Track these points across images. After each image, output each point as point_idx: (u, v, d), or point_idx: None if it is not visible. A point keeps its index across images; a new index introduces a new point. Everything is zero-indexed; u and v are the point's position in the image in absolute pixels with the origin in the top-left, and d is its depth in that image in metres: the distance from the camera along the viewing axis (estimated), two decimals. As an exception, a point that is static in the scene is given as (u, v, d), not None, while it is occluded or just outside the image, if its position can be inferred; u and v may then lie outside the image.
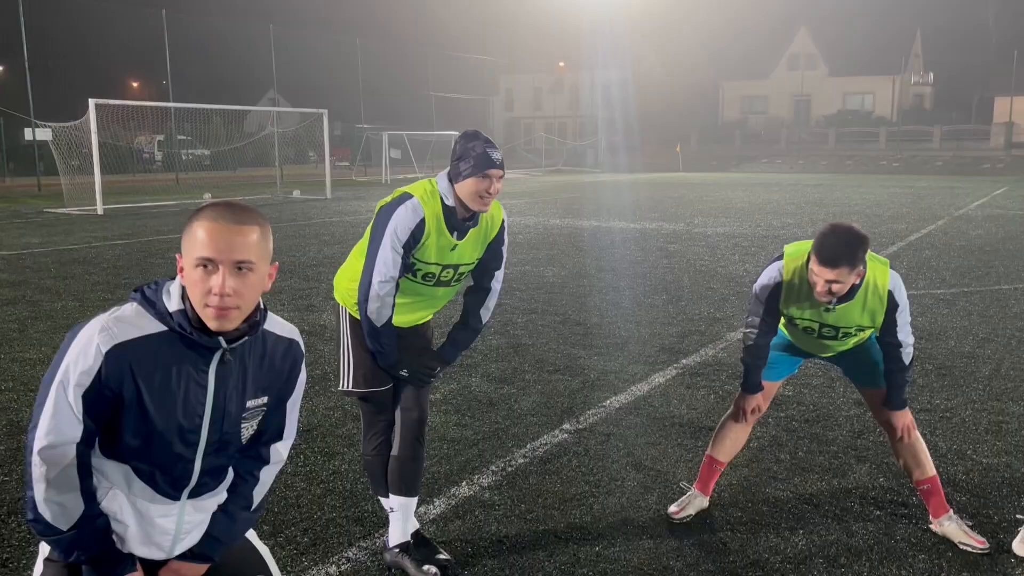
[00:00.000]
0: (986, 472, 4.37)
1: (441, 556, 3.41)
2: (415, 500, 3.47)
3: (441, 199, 3.20)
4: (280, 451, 2.27)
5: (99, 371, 1.91)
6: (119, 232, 16.16)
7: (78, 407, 1.92)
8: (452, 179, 3.19)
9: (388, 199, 3.25)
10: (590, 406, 5.50)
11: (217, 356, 2.02)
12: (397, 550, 3.40)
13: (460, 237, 3.25)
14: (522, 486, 4.23)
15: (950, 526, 3.64)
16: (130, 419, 1.97)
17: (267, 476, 2.27)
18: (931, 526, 3.71)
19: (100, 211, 20.28)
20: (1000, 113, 53.28)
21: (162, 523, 2.10)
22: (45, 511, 1.94)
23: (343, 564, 3.45)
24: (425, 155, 40.56)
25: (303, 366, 2.23)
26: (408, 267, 3.23)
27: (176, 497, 2.10)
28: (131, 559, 2.06)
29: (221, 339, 1.99)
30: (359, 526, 3.79)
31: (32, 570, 2.15)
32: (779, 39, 62.74)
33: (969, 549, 3.54)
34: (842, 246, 3.23)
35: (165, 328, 1.98)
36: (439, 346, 3.51)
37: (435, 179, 3.26)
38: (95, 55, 51.91)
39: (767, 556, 3.53)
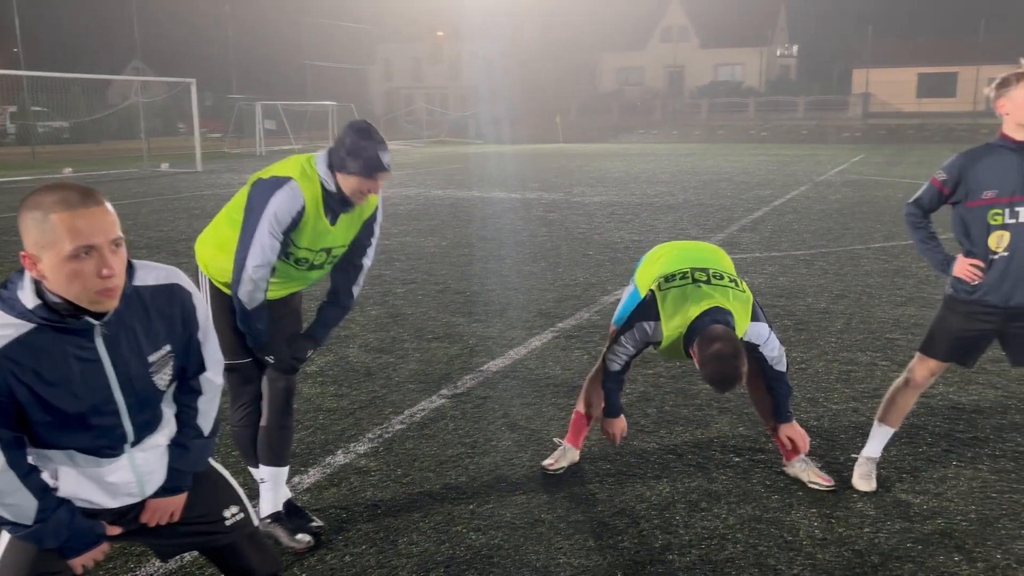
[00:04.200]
0: (835, 417, 4.69)
1: (314, 524, 3.41)
2: (285, 470, 3.45)
3: (321, 183, 3.13)
4: (211, 379, 2.32)
5: None
6: (-32, 209, 15.09)
7: None
8: (335, 167, 3.11)
9: (265, 175, 3.16)
10: (468, 371, 5.57)
11: (97, 331, 2.02)
12: (269, 520, 3.38)
13: (334, 221, 3.21)
14: (398, 451, 4.26)
15: (801, 467, 3.89)
16: (39, 415, 1.99)
17: (205, 405, 2.32)
18: (784, 468, 3.96)
19: (-54, 188, 18.89)
20: (858, 84, 56.21)
21: (119, 477, 2.18)
22: (5, 513, 2.05)
23: (214, 537, 3.40)
24: (302, 126, 39.51)
25: (195, 299, 2.23)
26: (285, 252, 3.17)
27: (121, 452, 2.16)
28: (99, 535, 2.17)
29: (89, 319, 1.98)
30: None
31: None
32: (653, 11, 64.02)
33: (817, 487, 3.80)
34: (730, 374, 3.27)
35: (33, 325, 1.96)
36: (308, 326, 3.47)
37: (313, 159, 3.17)
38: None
39: (633, 504, 3.69)
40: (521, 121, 51.89)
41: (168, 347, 2.16)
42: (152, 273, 2.15)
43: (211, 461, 2.42)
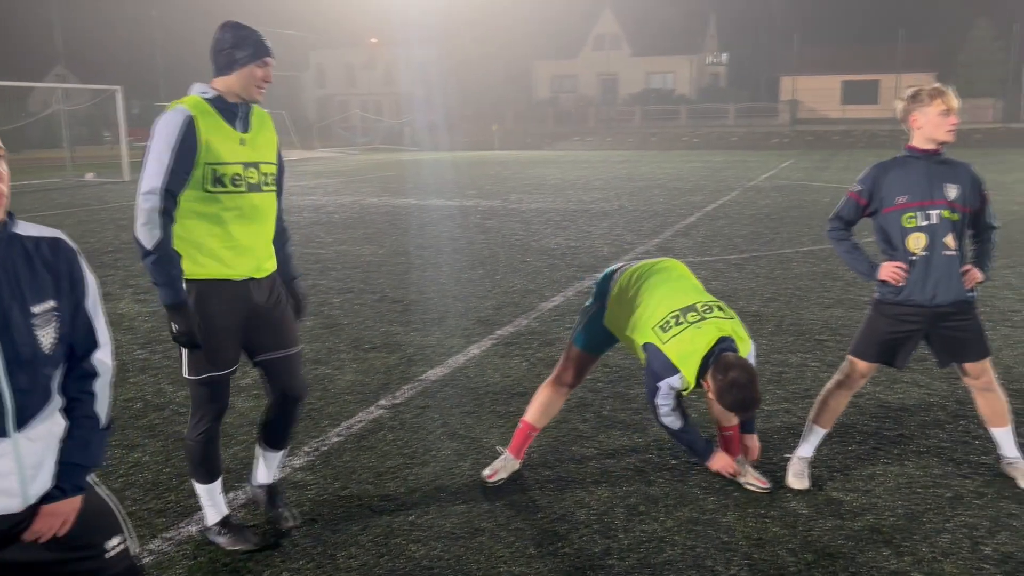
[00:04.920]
0: (768, 418, 4.79)
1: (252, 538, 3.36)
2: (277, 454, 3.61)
3: (200, 97, 3.12)
4: (104, 360, 2.16)
5: None
6: None
7: None
8: (223, 70, 3.12)
9: None
10: (407, 381, 5.52)
11: None
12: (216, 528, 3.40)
13: (244, 129, 3.18)
14: (336, 464, 4.20)
15: (738, 469, 3.96)
16: None
17: (101, 390, 2.16)
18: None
19: None
20: (785, 91, 57.64)
21: (0, 464, 1.95)
22: None
23: (146, 557, 3.31)
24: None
25: (85, 266, 2.12)
26: (215, 179, 3.07)
27: (3, 432, 1.95)
28: None
29: None
30: (162, 517, 3.64)
31: None
32: (585, 19, 64.67)
33: (753, 489, 3.87)
34: (752, 398, 3.39)
35: None
36: (284, 278, 3.48)
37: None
38: None
39: (573, 510, 3.70)
40: (457, 128, 51.88)
41: (53, 303, 2.02)
42: (35, 227, 2.07)
43: (91, 480, 2.19)
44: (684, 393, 3.61)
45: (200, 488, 3.37)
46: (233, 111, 3.15)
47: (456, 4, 60.54)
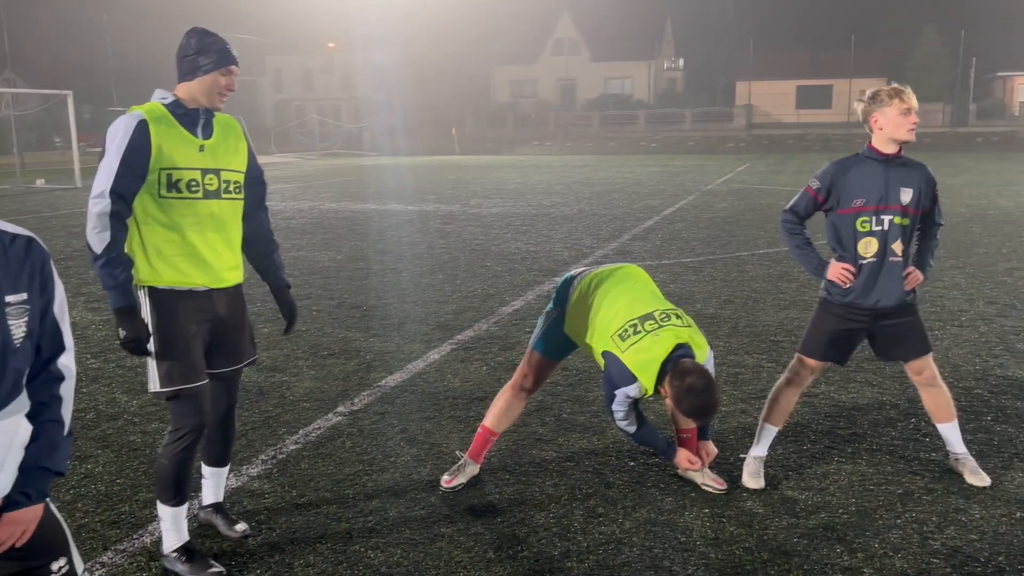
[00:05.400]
0: (724, 419, 4.84)
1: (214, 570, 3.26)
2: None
3: (159, 103, 3.09)
4: (68, 365, 2.13)
5: None
6: None
7: None
8: (186, 76, 3.09)
9: None
10: (365, 387, 5.49)
11: None
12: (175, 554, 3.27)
13: (205, 136, 3.13)
14: (293, 472, 4.16)
15: (695, 471, 4.00)
16: None
17: (67, 394, 2.13)
18: (679, 471, 4.05)
19: None
20: (741, 96, 58.44)
21: None
22: None
23: (97, 570, 3.25)
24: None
25: (53, 267, 2.10)
26: (170, 184, 3.02)
27: None
28: None
29: None
30: (115, 529, 3.58)
31: None
32: (545, 25, 64.97)
33: (710, 489, 3.91)
34: (708, 404, 3.41)
35: None
36: (272, 286, 3.49)
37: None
38: None
39: (532, 513, 3.71)
40: (417, 133, 51.75)
41: (26, 296, 2.00)
42: (9, 225, 2.05)
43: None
44: (643, 398, 3.65)
45: (165, 511, 3.24)
46: (193, 117, 3.11)
47: (414, 9, 60.46)
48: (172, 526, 3.26)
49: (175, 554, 3.24)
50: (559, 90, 65.00)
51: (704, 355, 3.61)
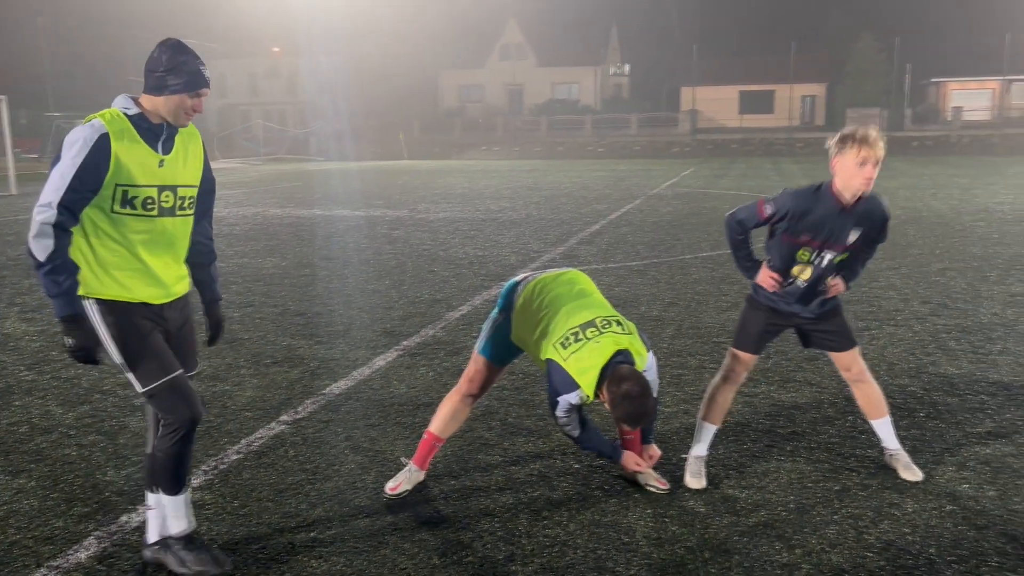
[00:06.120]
0: (668, 420, 4.91)
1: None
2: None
3: (123, 113, 3.00)
4: None
5: None
6: None
7: None
8: (153, 91, 2.99)
9: None
10: (309, 396, 5.44)
11: None
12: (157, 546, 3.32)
13: (166, 151, 3.06)
14: (235, 483, 4.10)
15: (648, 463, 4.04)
16: None
17: None
18: (623, 472, 4.09)
19: None
20: (685, 102, 59.29)
21: None
22: None
23: (30, 589, 3.16)
24: (129, 145, 37.47)
25: None
26: (124, 200, 2.96)
27: None
28: None
29: None
30: (48, 545, 3.48)
31: None
32: (491, 30, 65.13)
33: (653, 490, 3.96)
34: (642, 411, 3.43)
35: None
36: (202, 294, 3.43)
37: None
38: None
39: (478, 518, 3.71)
40: (364, 138, 51.41)
41: None
42: None
43: None
44: (586, 404, 3.68)
45: (168, 500, 3.24)
46: (156, 132, 3.03)
47: (360, 13, 60.07)
48: (175, 513, 3.26)
49: (181, 540, 3.25)
50: (507, 95, 65.17)
51: (644, 362, 3.64)
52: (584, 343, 3.57)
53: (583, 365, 3.53)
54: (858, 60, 57.17)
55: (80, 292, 3.01)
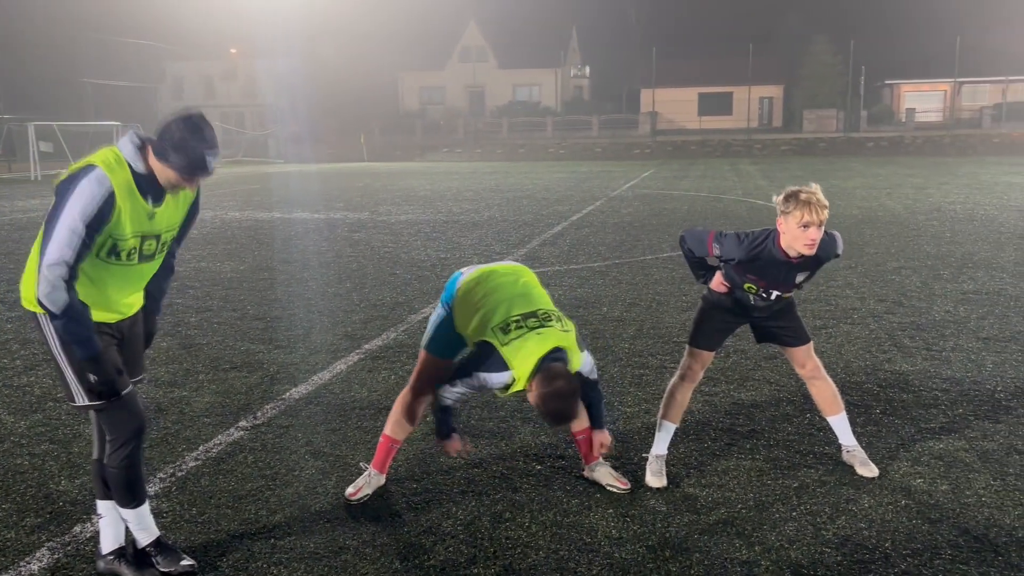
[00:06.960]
0: (629, 419, 4.93)
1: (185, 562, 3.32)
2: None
3: (129, 166, 2.97)
4: None
5: None
6: None
7: None
8: (157, 155, 2.96)
9: (65, 174, 2.96)
10: (268, 401, 5.38)
11: None
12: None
13: (157, 203, 3.05)
14: (193, 490, 4.04)
15: (600, 471, 4.06)
16: None
17: None
18: (584, 472, 4.11)
19: None
20: (645, 103, 59.64)
21: None
22: None
23: (-21, 603, 3.08)
24: (83, 148, 36.74)
25: None
26: (111, 250, 2.98)
27: None
28: None
29: None
30: (0, 556, 3.40)
31: None
32: (451, 31, 64.97)
33: (614, 490, 3.97)
34: (566, 410, 3.40)
35: None
36: (145, 298, 3.36)
37: (116, 147, 3.01)
38: None
39: (439, 521, 3.70)
40: (324, 140, 50.99)
41: None
42: None
43: None
44: (505, 394, 3.63)
45: (127, 513, 3.22)
46: (153, 188, 3.03)
47: (318, 15, 59.59)
48: (138, 526, 3.25)
49: (151, 547, 3.26)
50: (468, 97, 65.07)
51: (578, 363, 3.61)
52: (526, 331, 3.52)
53: (523, 353, 3.47)
54: (814, 63, 58.04)
55: (33, 308, 3.04)
